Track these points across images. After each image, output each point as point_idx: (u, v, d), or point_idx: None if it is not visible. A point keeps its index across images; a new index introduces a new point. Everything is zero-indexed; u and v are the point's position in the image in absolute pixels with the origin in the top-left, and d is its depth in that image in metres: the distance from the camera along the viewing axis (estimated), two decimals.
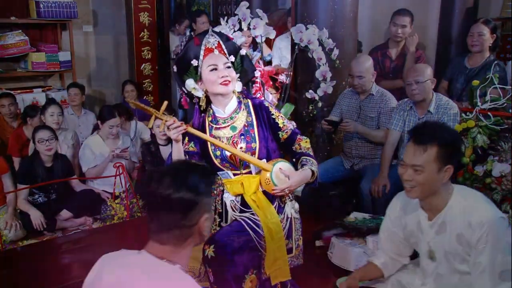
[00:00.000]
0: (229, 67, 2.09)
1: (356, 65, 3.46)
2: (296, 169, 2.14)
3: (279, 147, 2.21)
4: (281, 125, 2.16)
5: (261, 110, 2.16)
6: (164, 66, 5.96)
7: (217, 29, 3.52)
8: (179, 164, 1.46)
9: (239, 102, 2.18)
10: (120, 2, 5.65)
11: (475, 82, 3.03)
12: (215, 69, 2.08)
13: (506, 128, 2.84)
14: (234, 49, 2.17)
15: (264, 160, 2.11)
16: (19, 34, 4.90)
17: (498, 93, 2.93)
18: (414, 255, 2.32)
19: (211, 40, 2.11)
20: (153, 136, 4.22)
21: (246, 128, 2.12)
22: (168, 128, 2.02)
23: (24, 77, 5.18)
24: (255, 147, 2.09)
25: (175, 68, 2.19)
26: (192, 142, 2.19)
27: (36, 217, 3.50)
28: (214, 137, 2.14)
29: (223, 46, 2.12)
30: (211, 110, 2.19)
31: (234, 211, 2.16)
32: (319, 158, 3.84)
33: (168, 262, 1.29)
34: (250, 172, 2.10)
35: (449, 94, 3.86)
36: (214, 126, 2.16)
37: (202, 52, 2.10)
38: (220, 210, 2.22)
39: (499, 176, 2.73)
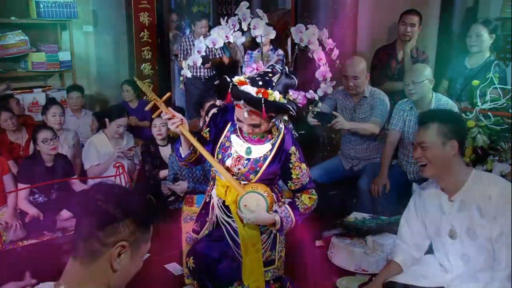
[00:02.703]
0: (256, 126, 1.95)
1: (350, 66, 3.43)
2: None
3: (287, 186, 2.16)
4: (293, 176, 2.09)
5: (283, 153, 2.06)
6: (164, 66, 5.96)
7: (217, 29, 3.54)
8: (134, 190, 1.40)
9: (271, 131, 2.07)
10: (120, 2, 5.65)
11: (475, 82, 3.03)
12: (240, 121, 1.98)
13: (506, 128, 2.84)
14: (276, 111, 1.92)
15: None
16: (19, 34, 4.90)
17: (498, 93, 2.93)
18: None
19: (243, 105, 1.90)
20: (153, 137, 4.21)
21: (258, 159, 2.04)
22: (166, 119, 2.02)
23: (24, 77, 5.17)
24: (252, 179, 2.04)
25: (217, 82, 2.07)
26: (208, 129, 2.15)
27: (35, 214, 3.49)
28: (229, 139, 2.09)
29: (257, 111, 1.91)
30: None
31: (218, 208, 2.14)
32: (319, 158, 3.84)
33: None
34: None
35: (448, 94, 3.86)
36: (235, 128, 2.09)
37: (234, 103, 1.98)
38: (207, 200, 2.21)
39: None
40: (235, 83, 1.88)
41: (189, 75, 3.71)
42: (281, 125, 2.10)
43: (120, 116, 3.98)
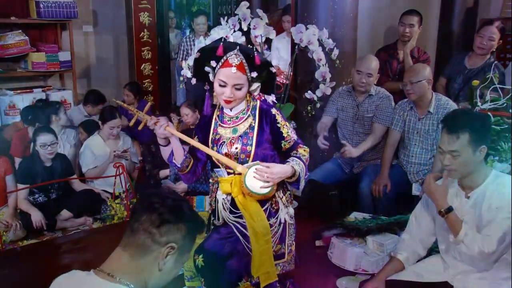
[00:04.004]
0: (239, 88, 2.04)
1: (365, 62, 3.45)
2: None
3: (280, 155, 2.19)
4: (285, 135, 2.13)
5: (266, 116, 2.13)
6: (164, 66, 5.96)
7: (217, 29, 3.54)
8: (186, 201, 1.48)
9: (248, 104, 2.16)
10: (120, 2, 5.65)
11: (475, 82, 3.03)
12: (224, 86, 2.05)
13: (506, 128, 2.84)
14: (260, 66, 2.07)
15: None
16: (19, 34, 4.90)
17: (498, 93, 2.93)
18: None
19: (234, 58, 2.02)
20: (154, 136, 4.21)
21: (246, 130, 2.11)
22: (154, 127, 2.12)
23: (24, 77, 5.17)
24: (250, 150, 2.09)
25: (197, 55, 2.15)
26: (196, 137, 2.21)
27: (37, 218, 3.50)
28: (217, 133, 2.15)
29: (245, 66, 2.03)
30: (220, 105, 2.19)
31: (224, 210, 2.16)
32: (318, 158, 3.84)
33: (115, 282, 1.28)
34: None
35: (447, 93, 3.85)
36: (219, 122, 2.17)
37: (221, 62, 2.04)
38: (214, 207, 2.24)
39: None
40: (225, 38, 2.01)
41: (189, 75, 3.69)
42: (255, 99, 2.18)
43: (112, 118, 3.98)
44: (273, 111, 2.14)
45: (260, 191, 2.04)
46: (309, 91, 3.65)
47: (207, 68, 2.10)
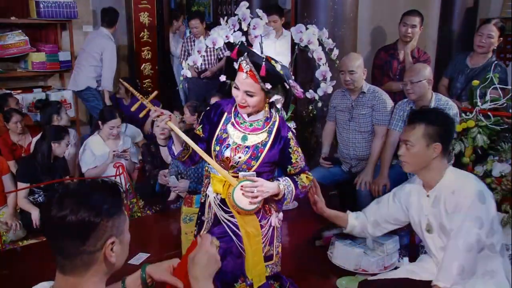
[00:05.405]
0: (250, 95, 2.02)
1: (347, 61, 3.47)
2: None
3: (283, 174, 2.20)
4: (293, 161, 2.14)
5: (281, 137, 2.11)
6: (164, 66, 5.97)
7: (217, 29, 3.54)
8: (84, 183, 1.33)
9: (268, 118, 2.12)
10: (120, 2, 5.66)
11: (475, 82, 3.03)
12: (237, 89, 2.04)
13: (506, 128, 2.84)
14: (271, 78, 2.00)
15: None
16: (19, 34, 4.91)
17: (498, 93, 2.92)
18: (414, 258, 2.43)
19: (245, 64, 2.00)
20: (153, 136, 4.22)
21: (258, 145, 2.09)
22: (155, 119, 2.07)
23: (24, 77, 5.18)
24: (254, 165, 2.07)
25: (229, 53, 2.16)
26: (201, 126, 2.18)
27: (37, 217, 3.49)
28: (226, 131, 2.12)
29: (256, 74, 1.98)
30: None
31: (216, 206, 2.15)
32: (318, 158, 3.85)
33: None
34: (237, 177, 2.09)
35: (449, 93, 3.85)
36: (232, 120, 2.14)
37: (237, 65, 2.03)
38: (203, 201, 2.23)
39: (499, 176, 2.73)
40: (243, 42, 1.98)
41: (189, 75, 3.70)
42: (276, 114, 2.15)
43: (112, 118, 3.98)
44: (289, 135, 2.13)
45: (246, 207, 2.05)
46: (310, 90, 3.65)
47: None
